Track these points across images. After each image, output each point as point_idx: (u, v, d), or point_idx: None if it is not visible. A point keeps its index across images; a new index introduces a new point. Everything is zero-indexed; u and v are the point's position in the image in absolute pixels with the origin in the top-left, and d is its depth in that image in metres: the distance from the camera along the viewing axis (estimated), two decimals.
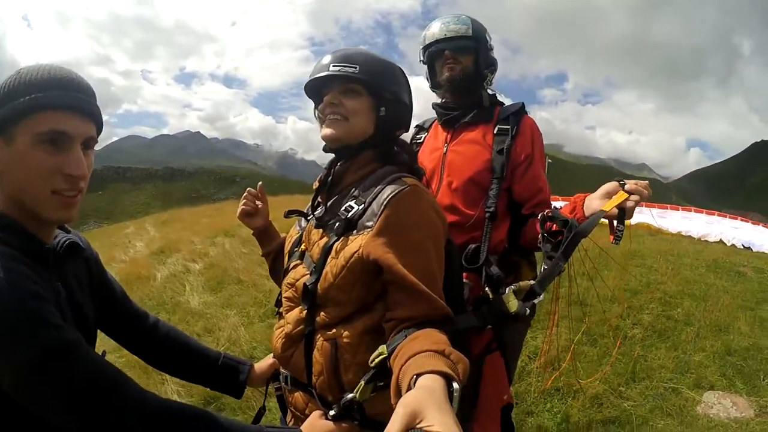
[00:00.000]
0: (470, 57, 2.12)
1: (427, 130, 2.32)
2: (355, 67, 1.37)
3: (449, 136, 2.17)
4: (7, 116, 1.00)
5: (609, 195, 1.49)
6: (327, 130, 1.43)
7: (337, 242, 1.32)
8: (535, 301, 1.45)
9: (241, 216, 1.83)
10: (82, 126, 1.06)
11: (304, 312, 1.35)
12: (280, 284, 1.68)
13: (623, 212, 1.43)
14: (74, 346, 0.94)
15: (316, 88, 1.48)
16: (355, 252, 1.26)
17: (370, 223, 1.28)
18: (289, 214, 1.65)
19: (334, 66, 1.39)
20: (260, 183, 1.89)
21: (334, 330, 1.31)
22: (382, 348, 1.17)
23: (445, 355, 0.98)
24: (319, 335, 1.33)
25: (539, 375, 4.03)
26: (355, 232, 1.31)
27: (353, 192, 1.40)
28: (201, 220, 13.86)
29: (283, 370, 1.49)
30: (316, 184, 1.55)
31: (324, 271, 1.31)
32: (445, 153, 2.13)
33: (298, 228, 1.63)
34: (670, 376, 4.17)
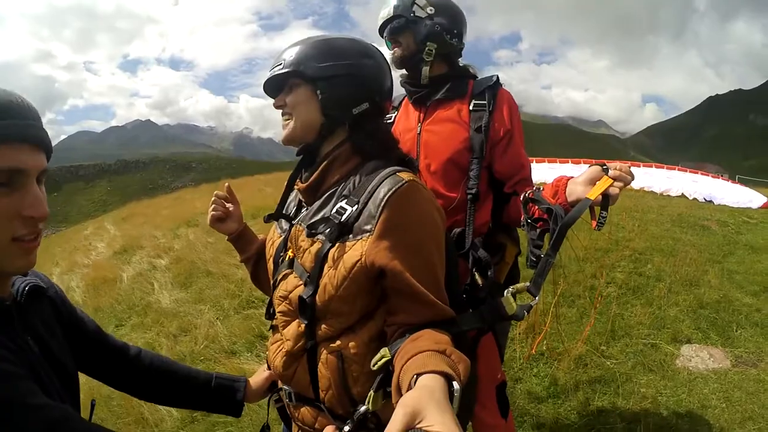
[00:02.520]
0: (408, 34, 2.02)
1: (397, 108, 2.22)
2: (281, 63, 1.31)
3: (422, 114, 2.07)
4: None
5: (592, 181, 1.43)
6: (282, 134, 1.37)
7: (333, 249, 1.22)
8: (532, 303, 1.39)
9: (212, 223, 1.69)
10: (35, 158, 0.92)
11: (303, 326, 1.27)
12: (265, 291, 1.61)
13: (607, 199, 1.38)
14: (62, 423, 0.85)
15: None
16: (357, 261, 1.17)
17: (368, 227, 1.19)
18: (269, 218, 1.52)
19: (270, 69, 1.35)
20: (227, 184, 1.75)
21: (338, 342, 1.24)
22: (384, 351, 1.14)
23: (446, 355, 0.97)
24: (322, 348, 1.27)
25: (522, 341, 4.08)
26: (351, 237, 1.21)
27: (342, 191, 1.31)
28: (161, 212, 13.43)
29: (285, 387, 1.42)
30: (300, 186, 1.42)
31: (322, 283, 1.22)
32: (419, 133, 2.04)
33: (279, 230, 1.52)
34: (648, 332, 4.26)
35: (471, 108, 1.97)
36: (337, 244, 1.22)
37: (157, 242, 8.93)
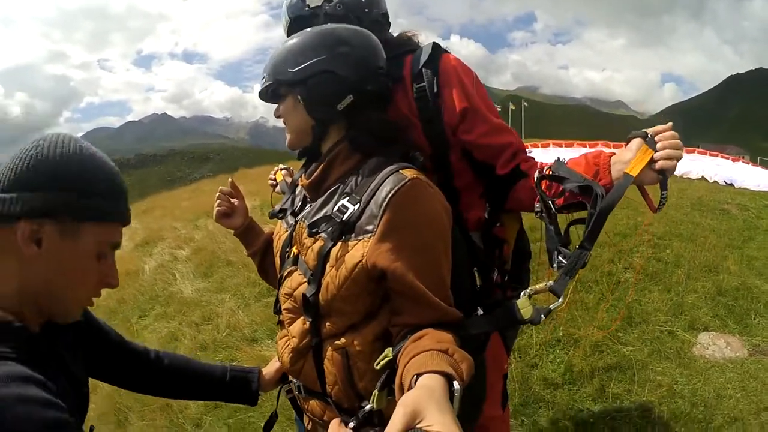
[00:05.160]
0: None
1: None
2: (264, 76, 1.36)
3: None
4: (80, 212, 0.94)
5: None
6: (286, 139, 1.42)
7: (335, 248, 1.22)
8: (552, 306, 1.22)
9: (218, 218, 1.71)
10: (122, 235, 1.07)
11: (308, 323, 1.29)
12: (272, 284, 1.64)
13: (664, 174, 1.20)
14: None
15: None
16: (359, 262, 1.17)
17: (370, 227, 1.17)
18: (273, 215, 1.55)
19: (260, 84, 1.40)
20: (231, 179, 1.76)
21: (343, 339, 1.25)
22: (388, 351, 1.15)
23: (449, 354, 0.97)
24: (327, 345, 1.28)
25: (538, 327, 4.07)
26: (353, 236, 1.20)
27: (344, 189, 1.29)
28: (180, 204, 13.41)
29: (293, 380, 1.46)
30: (303, 182, 1.41)
31: (324, 282, 1.23)
32: None
33: (285, 225, 1.52)
34: (665, 319, 4.26)
35: (415, 95, 1.58)
36: (339, 243, 1.22)
37: (177, 233, 8.95)
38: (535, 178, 1.37)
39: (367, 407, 1.16)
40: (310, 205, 1.38)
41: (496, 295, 1.58)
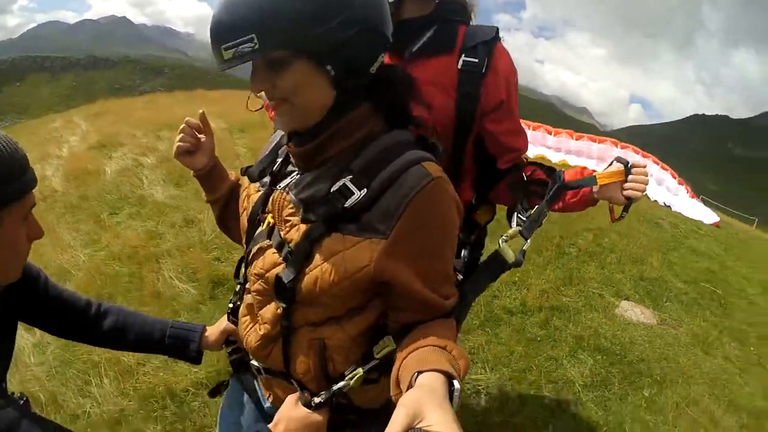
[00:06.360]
0: None
1: None
2: (252, 38, 0.90)
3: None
4: None
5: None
6: (276, 120, 1.08)
7: (328, 238, 1.03)
8: (524, 247, 1.35)
9: (178, 155, 1.38)
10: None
11: (281, 309, 1.11)
12: (233, 239, 1.46)
13: (630, 201, 1.46)
14: (16, 425, 0.93)
15: None
16: (364, 266, 1.01)
17: (382, 227, 1.00)
18: (246, 174, 1.30)
19: (224, 49, 0.94)
20: (201, 110, 1.40)
21: (321, 330, 1.13)
22: (389, 341, 1.10)
23: (447, 351, 0.94)
24: (302, 334, 1.15)
25: None
26: (356, 229, 1.02)
27: (348, 164, 1.05)
28: (134, 114, 12.31)
29: (255, 362, 1.31)
30: (292, 149, 1.13)
31: (312, 274, 1.04)
32: None
33: (258, 185, 1.27)
34: (597, 286, 5.17)
35: (460, 66, 1.56)
36: (334, 233, 1.04)
37: (138, 141, 8.59)
38: (526, 161, 1.73)
39: (341, 384, 1.13)
40: (298, 175, 1.14)
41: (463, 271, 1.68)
